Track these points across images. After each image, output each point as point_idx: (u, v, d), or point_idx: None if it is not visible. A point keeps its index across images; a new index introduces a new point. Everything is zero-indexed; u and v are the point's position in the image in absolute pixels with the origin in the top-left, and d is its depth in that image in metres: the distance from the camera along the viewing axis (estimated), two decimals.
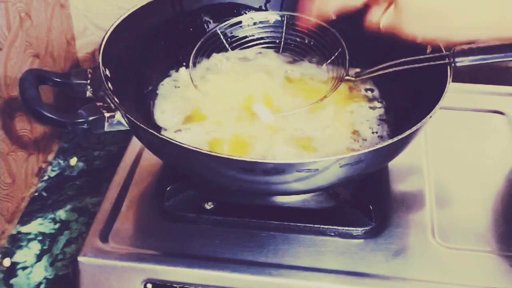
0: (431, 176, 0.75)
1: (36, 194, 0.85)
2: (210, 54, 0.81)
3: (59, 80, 0.69)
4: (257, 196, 0.72)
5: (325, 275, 0.64)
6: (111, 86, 0.65)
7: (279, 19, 0.83)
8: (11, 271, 0.75)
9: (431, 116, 0.62)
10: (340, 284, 0.63)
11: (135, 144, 0.79)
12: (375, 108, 0.76)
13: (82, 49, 1.01)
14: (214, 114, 0.73)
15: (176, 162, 0.67)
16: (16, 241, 0.79)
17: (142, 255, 0.66)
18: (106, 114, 0.63)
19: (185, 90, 0.77)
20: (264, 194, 0.71)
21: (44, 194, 0.85)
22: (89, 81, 0.68)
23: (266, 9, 0.84)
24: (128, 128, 0.64)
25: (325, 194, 0.71)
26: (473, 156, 0.78)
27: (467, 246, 0.67)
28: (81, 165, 0.90)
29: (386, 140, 0.70)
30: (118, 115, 0.63)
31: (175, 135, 0.70)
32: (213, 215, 0.69)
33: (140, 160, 0.77)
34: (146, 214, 0.71)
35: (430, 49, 0.72)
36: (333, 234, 0.68)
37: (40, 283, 0.74)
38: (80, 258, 0.66)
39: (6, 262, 0.76)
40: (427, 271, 0.64)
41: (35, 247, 0.78)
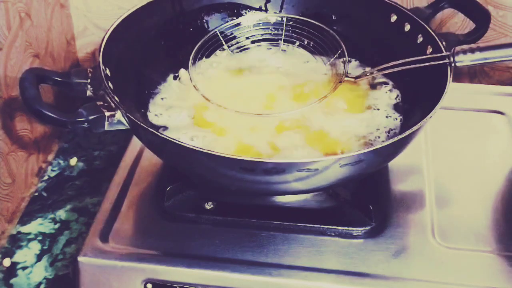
0: (431, 176, 0.75)
1: (36, 194, 0.85)
2: (209, 54, 0.81)
3: (59, 79, 0.69)
4: (257, 196, 0.72)
5: (325, 275, 0.64)
6: (111, 85, 0.65)
7: (279, 20, 0.83)
8: (11, 271, 0.75)
9: (431, 116, 0.62)
10: (340, 284, 0.63)
11: (135, 144, 0.79)
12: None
13: (82, 49, 1.01)
14: (214, 114, 0.73)
15: (176, 161, 0.67)
16: (16, 241, 0.79)
17: (142, 255, 0.66)
18: (106, 113, 0.63)
19: (184, 90, 0.77)
20: (264, 194, 0.71)
21: (44, 194, 0.85)
22: (89, 80, 0.68)
23: (266, 9, 0.84)
24: (128, 127, 0.64)
25: (325, 194, 0.71)
26: (473, 156, 0.78)
27: (467, 246, 0.67)
28: (81, 165, 0.90)
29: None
30: (118, 114, 0.63)
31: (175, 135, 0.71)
32: (213, 215, 0.69)
33: (140, 160, 0.77)
34: (146, 214, 0.71)
35: (430, 49, 0.72)
36: (333, 234, 0.68)
37: (40, 283, 0.74)
38: (80, 258, 0.66)
39: (6, 262, 0.76)
40: (427, 271, 0.64)
41: (35, 247, 0.78)
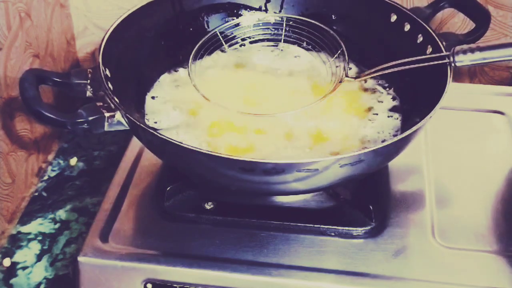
0: (431, 176, 0.75)
1: (36, 194, 0.85)
2: (209, 54, 0.81)
3: (59, 80, 0.69)
4: (257, 196, 0.72)
5: (325, 275, 0.64)
6: (111, 86, 0.65)
7: (279, 20, 0.83)
8: (11, 271, 0.75)
9: (431, 116, 0.62)
10: (340, 284, 0.63)
11: (135, 144, 0.79)
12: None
13: (82, 49, 1.01)
14: (214, 114, 0.73)
15: (176, 162, 0.67)
16: (16, 241, 0.79)
17: (142, 255, 0.66)
18: (106, 114, 0.63)
19: (184, 90, 0.77)
20: (264, 194, 0.71)
21: (44, 194, 0.85)
22: (89, 81, 0.68)
23: (266, 9, 0.84)
24: (128, 128, 0.64)
25: (325, 194, 0.71)
26: (473, 156, 0.78)
27: (467, 246, 0.67)
28: (81, 165, 0.90)
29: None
30: (118, 115, 0.63)
31: (174, 135, 0.70)
32: (213, 215, 0.69)
33: (140, 160, 0.77)
34: (146, 214, 0.71)
35: (430, 49, 0.72)
36: (333, 234, 0.68)
37: (40, 283, 0.74)
38: (80, 258, 0.66)
39: (6, 262, 0.76)
40: (427, 271, 0.64)
41: (35, 247, 0.78)
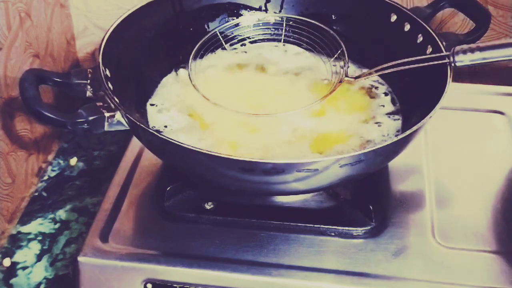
0: (431, 176, 0.75)
1: (36, 194, 0.85)
2: (209, 54, 0.81)
3: (59, 80, 0.69)
4: (257, 196, 0.72)
5: (325, 275, 0.64)
6: (111, 86, 0.65)
7: (279, 20, 0.83)
8: (11, 271, 0.75)
9: (431, 116, 0.62)
10: (340, 284, 0.63)
11: (135, 144, 0.79)
12: None
13: (82, 49, 1.01)
14: (214, 114, 0.73)
15: (176, 162, 0.67)
16: (16, 241, 0.79)
17: (142, 255, 0.66)
18: (106, 114, 0.63)
19: (184, 90, 0.77)
20: (264, 194, 0.71)
21: (44, 194, 0.85)
22: (89, 81, 0.68)
23: (266, 9, 0.84)
24: (128, 128, 0.64)
25: (325, 194, 0.71)
26: (473, 156, 0.78)
27: (467, 246, 0.67)
28: (81, 165, 0.90)
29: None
30: (118, 115, 0.63)
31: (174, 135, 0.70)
32: (213, 215, 0.69)
33: (140, 160, 0.77)
34: (146, 214, 0.71)
35: (430, 49, 0.72)
36: (333, 234, 0.68)
37: (40, 283, 0.74)
38: (80, 258, 0.66)
39: (6, 262, 0.76)
40: (427, 271, 0.64)
41: (35, 247, 0.78)
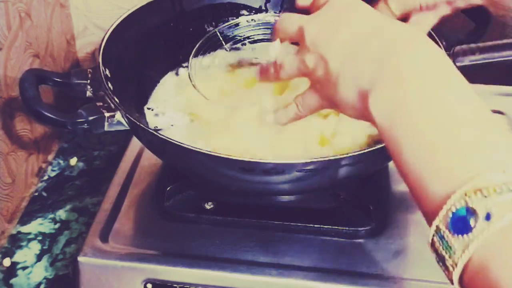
0: None
1: (36, 194, 0.85)
2: (209, 54, 0.80)
3: (59, 80, 0.69)
4: (257, 196, 0.72)
5: (325, 275, 0.64)
6: (111, 86, 0.65)
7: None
8: (11, 271, 0.75)
9: None
10: (340, 284, 0.63)
11: (135, 144, 0.79)
12: None
13: (82, 49, 1.01)
14: (214, 114, 0.73)
15: (176, 162, 0.67)
16: (16, 241, 0.79)
17: (142, 255, 0.66)
18: (106, 114, 0.63)
19: (184, 90, 0.77)
20: (264, 194, 0.71)
21: (44, 194, 0.85)
22: (89, 81, 0.68)
23: (266, 9, 0.84)
24: (128, 128, 0.64)
25: (325, 194, 0.71)
26: None
27: None
28: (81, 165, 0.90)
29: None
30: (118, 115, 0.63)
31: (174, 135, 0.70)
32: (213, 215, 0.69)
33: (140, 160, 0.77)
34: (146, 214, 0.71)
35: None
36: (333, 234, 0.68)
37: (40, 283, 0.74)
38: (80, 258, 0.66)
39: (6, 262, 0.76)
40: (427, 271, 0.64)
41: (35, 247, 0.78)
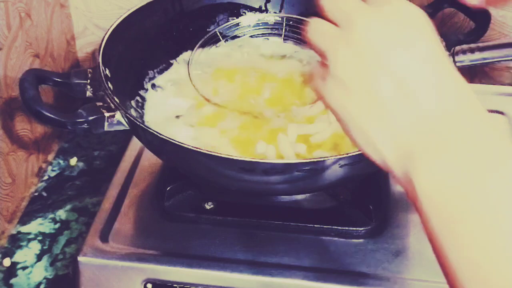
0: None
1: (36, 194, 0.85)
2: (209, 54, 0.80)
3: (59, 80, 0.69)
4: (257, 196, 0.72)
5: (325, 275, 0.64)
6: (111, 86, 0.65)
7: (279, 20, 0.83)
8: (11, 271, 0.75)
9: None
10: (340, 284, 0.63)
11: (135, 144, 0.79)
12: None
13: (82, 49, 1.01)
14: (213, 114, 0.73)
15: (176, 162, 0.67)
16: (16, 241, 0.79)
17: (142, 255, 0.66)
18: (106, 114, 0.63)
19: (184, 89, 0.77)
20: (264, 194, 0.71)
21: (44, 194, 0.85)
22: (89, 81, 0.68)
23: (266, 9, 0.84)
24: (128, 128, 0.64)
25: (325, 194, 0.71)
26: None
27: None
28: (81, 165, 0.90)
29: None
30: (118, 115, 0.63)
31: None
32: (213, 215, 0.69)
33: (140, 160, 0.77)
34: (146, 214, 0.71)
35: None
36: (333, 234, 0.68)
37: (40, 283, 0.74)
38: (80, 258, 0.66)
39: (6, 262, 0.76)
40: (427, 271, 0.64)
41: (35, 247, 0.78)
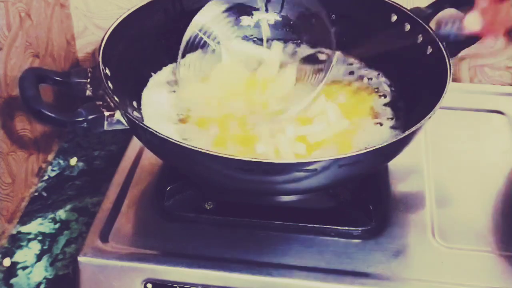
0: (431, 176, 0.75)
1: (36, 194, 0.85)
2: (209, 54, 0.81)
3: (59, 79, 0.69)
4: (257, 196, 0.72)
5: (325, 275, 0.64)
6: (111, 85, 0.65)
7: (279, 20, 0.83)
8: (11, 271, 0.75)
9: (431, 116, 0.62)
10: (340, 284, 0.63)
11: (135, 144, 0.79)
12: None
13: (82, 49, 1.01)
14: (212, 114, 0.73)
15: (175, 161, 0.67)
16: (16, 241, 0.79)
17: (142, 255, 0.66)
18: (106, 113, 0.63)
19: (183, 89, 0.77)
20: (263, 194, 0.71)
21: (44, 194, 0.85)
22: (89, 80, 0.68)
23: (266, 9, 0.84)
24: (127, 127, 0.64)
25: (325, 194, 0.71)
26: (473, 156, 0.78)
27: (467, 246, 0.67)
28: (81, 165, 0.90)
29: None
30: (118, 114, 0.63)
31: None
32: (213, 215, 0.69)
33: (140, 160, 0.77)
34: (146, 214, 0.71)
35: (430, 49, 0.72)
36: (333, 234, 0.68)
37: (40, 283, 0.74)
38: (80, 258, 0.66)
39: (6, 262, 0.76)
40: (427, 271, 0.64)
41: (35, 247, 0.78)
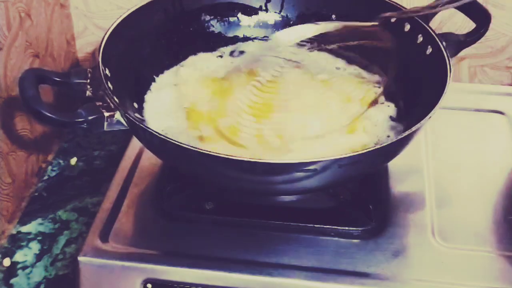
0: (431, 176, 0.75)
1: (36, 194, 0.85)
2: (209, 54, 0.81)
3: (59, 79, 0.68)
4: (257, 196, 0.72)
5: (325, 275, 0.64)
6: (111, 86, 0.65)
7: (279, 20, 0.83)
8: (11, 271, 0.75)
9: (431, 116, 0.62)
10: (340, 284, 0.63)
11: (135, 144, 0.79)
12: None
13: (82, 49, 1.01)
14: (212, 113, 0.73)
15: (175, 162, 0.67)
16: (16, 241, 0.79)
17: (142, 255, 0.66)
18: (106, 114, 0.63)
19: (183, 89, 0.77)
20: (263, 194, 0.71)
21: (44, 194, 0.85)
22: (88, 80, 0.68)
23: (266, 9, 0.84)
24: (127, 127, 0.64)
25: (325, 194, 0.71)
26: (473, 156, 0.78)
27: (467, 246, 0.67)
28: (81, 165, 0.90)
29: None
30: (118, 115, 0.63)
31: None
32: (213, 215, 0.69)
33: (140, 160, 0.77)
34: (146, 214, 0.71)
35: (430, 49, 0.72)
36: (333, 234, 0.68)
37: (40, 283, 0.74)
38: (80, 258, 0.66)
39: (6, 262, 0.76)
40: (427, 271, 0.64)
41: (35, 247, 0.78)
